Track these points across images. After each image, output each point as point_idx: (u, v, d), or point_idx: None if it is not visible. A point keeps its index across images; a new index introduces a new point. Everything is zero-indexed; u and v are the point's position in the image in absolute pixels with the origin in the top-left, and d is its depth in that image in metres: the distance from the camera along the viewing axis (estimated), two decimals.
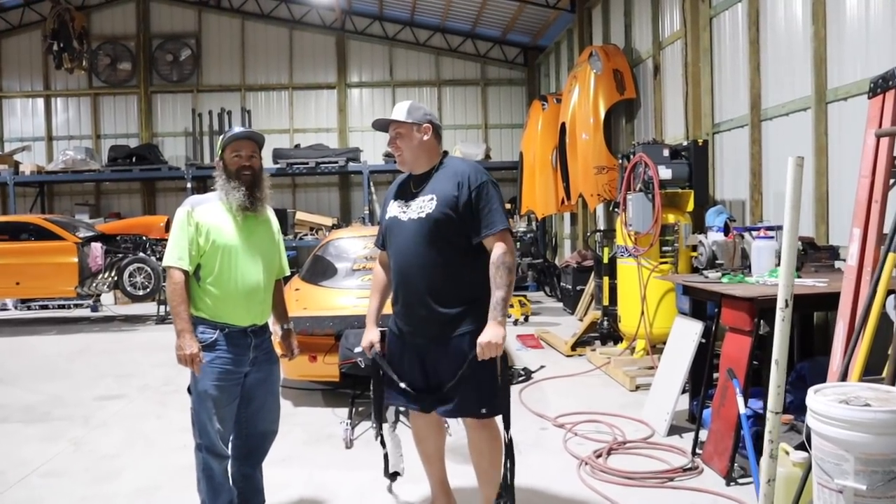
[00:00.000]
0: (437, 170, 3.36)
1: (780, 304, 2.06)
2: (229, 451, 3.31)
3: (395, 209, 3.41)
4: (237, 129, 3.46)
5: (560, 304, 11.87)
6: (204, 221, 3.26)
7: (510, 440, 3.23)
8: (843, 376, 2.92)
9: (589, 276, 10.36)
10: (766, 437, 2.15)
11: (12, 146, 16.14)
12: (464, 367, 3.14)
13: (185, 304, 3.18)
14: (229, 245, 3.26)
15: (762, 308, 4.06)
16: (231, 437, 3.33)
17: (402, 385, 3.30)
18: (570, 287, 11.02)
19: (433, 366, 3.29)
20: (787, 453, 3.51)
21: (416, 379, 3.33)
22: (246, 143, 3.38)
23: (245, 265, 3.29)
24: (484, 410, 3.27)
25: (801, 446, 3.58)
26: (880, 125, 3.28)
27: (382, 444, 3.90)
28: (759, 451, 3.81)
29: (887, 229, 3.12)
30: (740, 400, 3.88)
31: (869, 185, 3.30)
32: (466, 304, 3.24)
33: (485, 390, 3.24)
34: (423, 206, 3.27)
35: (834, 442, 2.48)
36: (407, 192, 3.41)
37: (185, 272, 3.21)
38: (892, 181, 3.26)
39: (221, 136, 3.46)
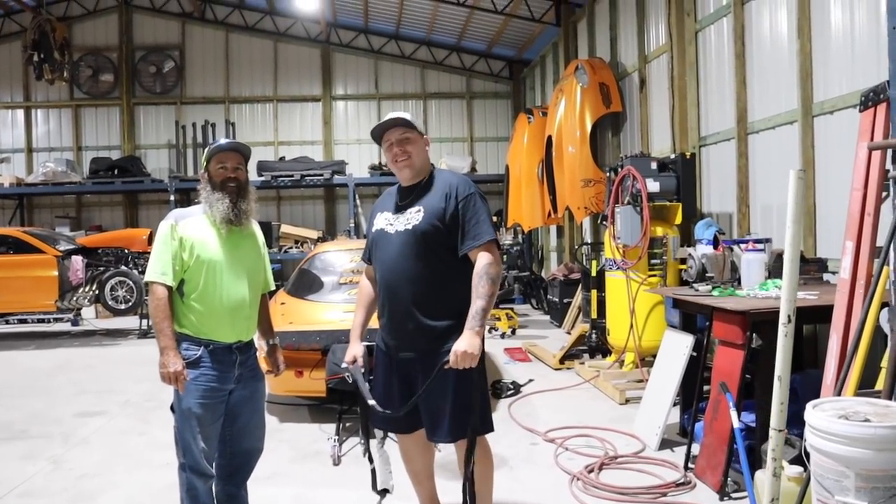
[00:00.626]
0: (425, 182, 3.30)
1: (782, 319, 2.02)
2: (214, 471, 3.21)
3: (382, 222, 3.34)
4: (223, 140, 3.38)
5: (547, 317, 11.83)
6: (188, 235, 3.18)
7: (471, 454, 3.10)
8: (839, 390, 2.89)
9: (576, 289, 10.34)
10: (769, 454, 2.10)
11: None
12: (432, 376, 3.02)
13: (169, 321, 3.09)
14: (214, 260, 3.18)
15: (755, 321, 4.03)
16: (215, 456, 3.24)
17: (371, 402, 3.20)
18: (557, 300, 11.00)
19: (419, 383, 3.21)
20: (783, 468, 3.47)
21: (400, 399, 3.24)
22: (231, 155, 3.30)
23: (230, 280, 3.21)
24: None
25: (797, 460, 3.55)
26: (872, 138, 3.27)
27: (370, 459, 3.81)
28: (752, 466, 3.79)
29: (881, 242, 3.11)
30: (734, 414, 3.84)
31: (861, 198, 3.29)
32: (455, 317, 3.16)
33: (474, 409, 3.17)
34: (411, 218, 3.21)
35: (834, 458, 2.45)
36: (394, 204, 3.35)
37: (169, 287, 3.12)
38: (884, 194, 3.25)
39: (206, 148, 3.37)
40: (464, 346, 2.96)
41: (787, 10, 6.14)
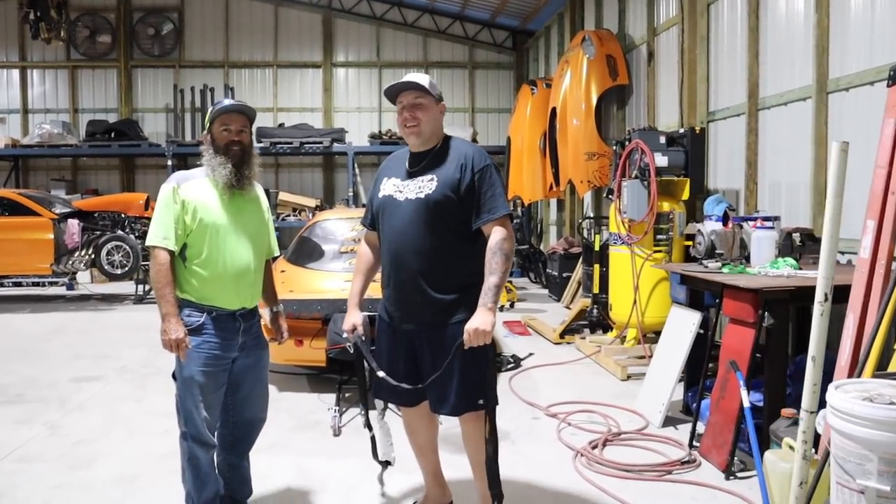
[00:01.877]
0: (438, 150, 3.19)
1: (818, 297, 1.94)
2: (216, 440, 3.14)
3: (390, 187, 3.22)
4: (227, 101, 3.25)
5: (545, 291, 11.78)
6: (190, 198, 3.07)
7: (494, 428, 3.09)
8: (860, 371, 2.82)
9: (576, 263, 10.27)
10: (800, 436, 2.04)
11: None
12: (450, 356, 2.97)
13: (171, 286, 3.00)
14: (217, 224, 3.08)
15: (767, 300, 3.95)
16: (217, 426, 3.17)
17: (381, 374, 3.13)
18: (556, 274, 10.93)
19: (424, 355, 3.14)
20: (793, 448, 3.42)
21: (405, 371, 3.18)
22: (236, 117, 3.18)
23: (234, 245, 3.11)
24: (481, 402, 3.13)
25: None
26: None
27: (369, 428, 3.76)
28: (761, 446, 3.74)
29: None
30: (744, 393, 3.79)
31: (886, 176, 3.19)
32: (462, 290, 3.08)
33: (479, 382, 3.10)
34: (423, 186, 3.10)
35: (857, 441, 2.38)
36: (403, 170, 3.23)
37: (171, 252, 3.03)
38: None
39: (210, 109, 3.25)
40: (477, 322, 2.89)
41: None
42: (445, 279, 3.08)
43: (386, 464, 3.86)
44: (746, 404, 3.76)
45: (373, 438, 3.76)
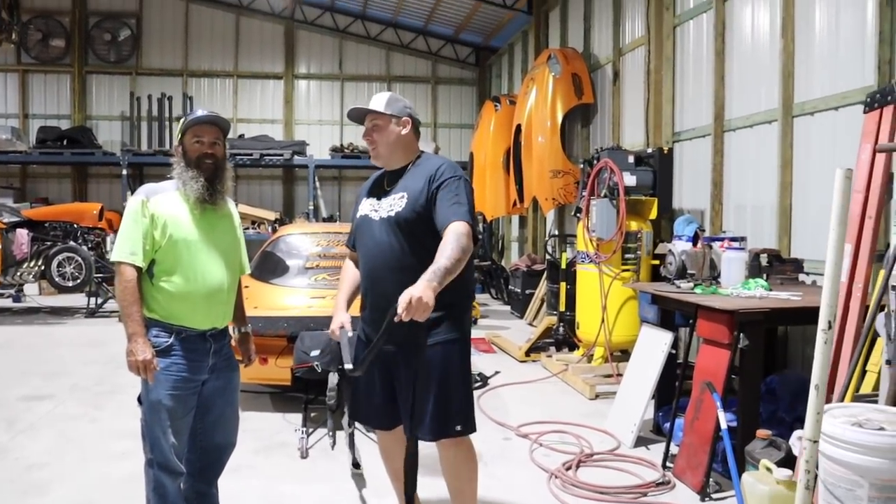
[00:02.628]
0: (411, 167, 3.12)
1: (822, 325, 1.91)
2: (184, 468, 2.98)
3: (366, 207, 3.16)
4: (200, 111, 3.11)
5: (507, 308, 11.75)
6: (160, 213, 2.92)
7: (415, 452, 2.96)
8: (842, 395, 2.83)
9: (538, 280, 10.28)
10: (803, 465, 2.00)
11: None
12: (385, 324, 2.69)
13: (138, 304, 2.85)
14: (188, 239, 2.94)
15: (742, 321, 3.96)
16: (185, 452, 3.01)
17: (348, 366, 2.91)
18: (518, 291, 10.92)
19: (401, 378, 3.04)
20: (770, 470, 3.41)
21: (382, 394, 3.09)
22: (209, 129, 3.05)
23: (206, 262, 2.97)
24: (458, 427, 3.04)
25: (784, 462, 3.50)
26: (877, 139, 3.20)
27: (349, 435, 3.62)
28: (740, 467, 3.73)
29: (881, 246, 3.06)
30: (721, 415, 3.77)
31: (863, 200, 3.22)
32: (442, 308, 2.98)
33: (457, 405, 3.02)
34: (394, 204, 3.03)
35: (846, 466, 2.37)
36: (380, 189, 3.16)
37: (138, 269, 2.88)
38: (886, 197, 3.20)
39: (182, 119, 3.12)
40: (418, 291, 2.56)
41: (771, 9, 6.09)
42: None
43: (357, 464, 3.75)
44: (724, 426, 3.75)
45: (351, 435, 3.67)
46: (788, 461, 3.51)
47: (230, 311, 3.15)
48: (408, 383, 2.97)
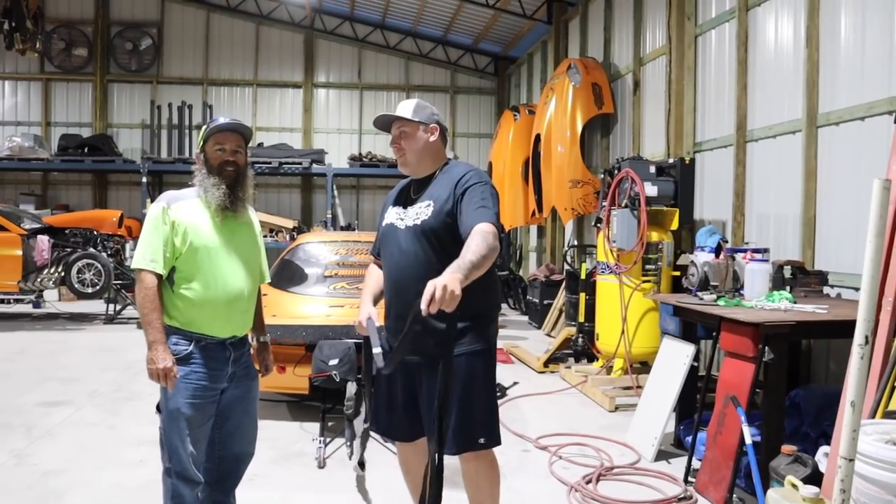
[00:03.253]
0: (438, 175, 3.09)
1: (858, 340, 1.86)
2: (202, 477, 2.96)
3: (392, 216, 3.12)
4: (222, 119, 3.10)
5: (525, 318, 11.68)
6: (181, 220, 2.91)
7: (441, 468, 2.92)
8: (874, 412, 2.75)
9: (557, 291, 10.20)
10: (838, 484, 1.93)
11: None
12: (411, 317, 2.55)
13: (158, 312, 2.83)
14: (209, 247, 2.92)
15: (767, 334, 3.88)
16: (203, 461, 2.99)
17: (377, 350, 2.79)
18: (536, 301, 10.85)
19: (422, 389, 3.00)
20: (796, 487, 3.33)
21: (403, 405, 3.05)
22: (231, 136, 3.04)
23: (226, 270, 2.95)
24: (482, 440, 2.99)
25: (810, 479, 3.41)
26: None
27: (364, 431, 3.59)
28: (764, 483, 3.64)
29: None
30: (746, 430, 3.70)
31: (894, 213, 3.15)
32: (467, 319, 2.94)
33: (481, 418, 2.97)
34: (420, 212, 2.99)
35: (880, 486, 2.30)
36: (407, 198, 3.12)
37: (159, 276, 2.86)
38: None
39: (205, 127, 3.11)
40: (445, 280, 2.45)
41: (795, 18, 6.02)
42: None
43: (362, 465, 3.72)
44: (749, 441, 3.67)
45: (365, 431, 3.63)
46: (815, 478, 3.42)
47: (250, 319, 3.12)
48: (431, 395, 2.93)
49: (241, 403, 3.06)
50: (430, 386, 2.95)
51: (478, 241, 2.66)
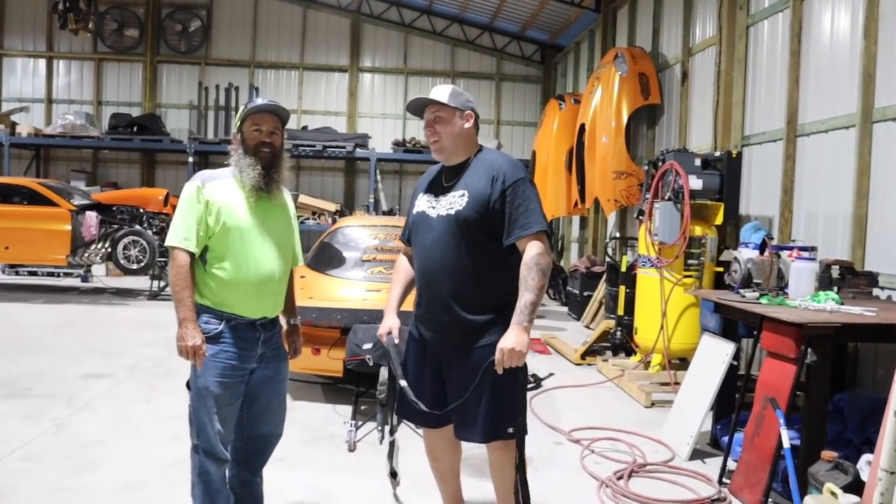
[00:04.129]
0: (471, 163, 3.04)
1: None
2: (229, 455, 2.98)
3: (423, 203, 3.09)
4: (259, 100, 3.09)
5: (565, 309, 11.59)
6: (215, 199, 2.91)
7: (523, 458, 2.97)
8: None
9: (597, 283, 10.08)
10: (877, 497, 1.84)
11: (10, 106, 15.67)
12: (478, 378, 2.81)
13: (190, 290, 2.84)
14: (242, 227, 2.92)
15: (810, 335, 3.75)
16: (231, 439, 3.01)
17: (402, 383, 3.00)
18: (577, 292, 10.74)
19: (451, 377, 2.98)
20: (835, 495, 3.23)
21: (431, 392, 3.03)
22: (268, 118, 3.02)
23: (258, 251, 2.95)
24: (511, 430, 2.96)
25: (851, 488, 3.30)
26: None
27: (391, 442, 3.61)
28: (802, 489, 3.54)
29: None
30: (784, 433, 3.59)
31: None
32: (495, 311, 2.93)
33: (509, 408, 2.94)
34: (454, 202, 2.95)
35: None
36: (438, 185, 3.09)
37: (191, 254, 2.88)
38: None
39: (243, 107, 3.10)
40: (511, 342, 2.73)
41: (853, 9, 5.79)
42: (477, 299, 2.93)
43: (394, 474, 3.71)
44: (787, 445, 3.56)
45: (392, 444, 3.63)
46: (856, 486, 3.31)
47: (281, 301, 3.12)
48: (460, 384, 2.91)
49: (270, 384, 3.07)
50: (459, 375, 2.94)
51: (534, 274, 2.78)
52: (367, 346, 4.86)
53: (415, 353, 3.12)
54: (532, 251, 2.83)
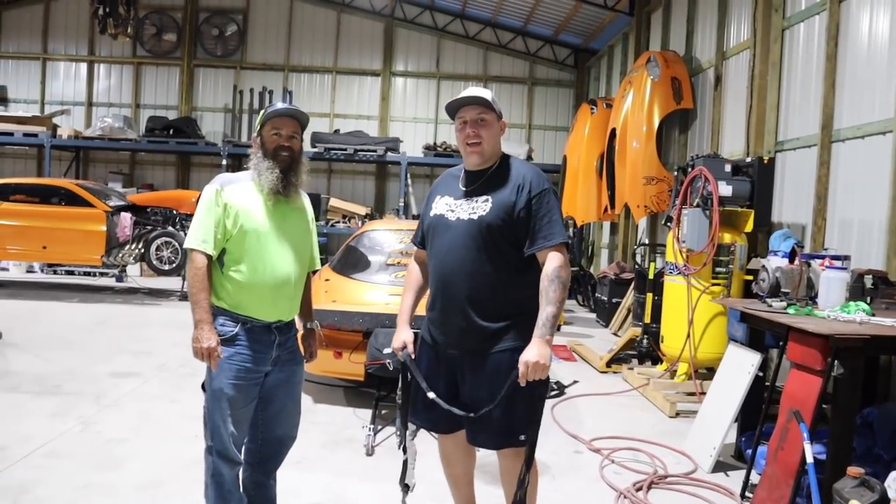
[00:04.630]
0: (495, 169, 3.01)
1: None
2: (242, 457, 3.00)
3: (442, 207, 3.05)
4: (279, 104, 3.12)
5: (593, 315, 11.48)
6: (233, 202, 2.94)
7: (529, 469, 2.88)
8: None
9: (626, 290, 9.97)
10: None
11: (52, 109, 16.07)
12: (504, 390, 2.80)
13: (206, 292, 2.87)
14: (259, 230, 2.94)
15: (838, 347, 3.65)
16: (245, 442, 3.03)
17: (431, 395, 2.95)
18: (605, 299, 10.63)
19: (465, 383, 2.96)
20: None
21: (444, 396, 2.99)
22: (288, 122, 3.05)
23: (275, 254, 2.97)
24: (523, 437, 2.93)
25: None
26: None
27: (404, 450, 3.58)
28: None
29: None
30: (808, 447, 3.50)
31: None
32: (509, 318, 2.90)
33: (522, 415, 2.90)
34: (477, 207, 2.93)
35: None
36: (457, 189, 3.06)
37: (209, 257, 2.90)
38: None
39: (262, 111, 3.13)
40: (534, 355, 2.72)
41: (892, 11, 5.65)
42: (493, 306, 2.91)
43: (407, 488, 3.68)
44: (810, 459, 3.47)
45: (405, 463, 3.59)
46: None
47: (297, 304, 3.14)
48: (476, 389, 2.89)
49: (285, 387, 3.08)
50: (473, 380, 2.92)
51: (555, 287, 2.79)
52: (388, 350, 4.84)
53: (427, 357, 3.10)
54: (553, 263, 2.82)
